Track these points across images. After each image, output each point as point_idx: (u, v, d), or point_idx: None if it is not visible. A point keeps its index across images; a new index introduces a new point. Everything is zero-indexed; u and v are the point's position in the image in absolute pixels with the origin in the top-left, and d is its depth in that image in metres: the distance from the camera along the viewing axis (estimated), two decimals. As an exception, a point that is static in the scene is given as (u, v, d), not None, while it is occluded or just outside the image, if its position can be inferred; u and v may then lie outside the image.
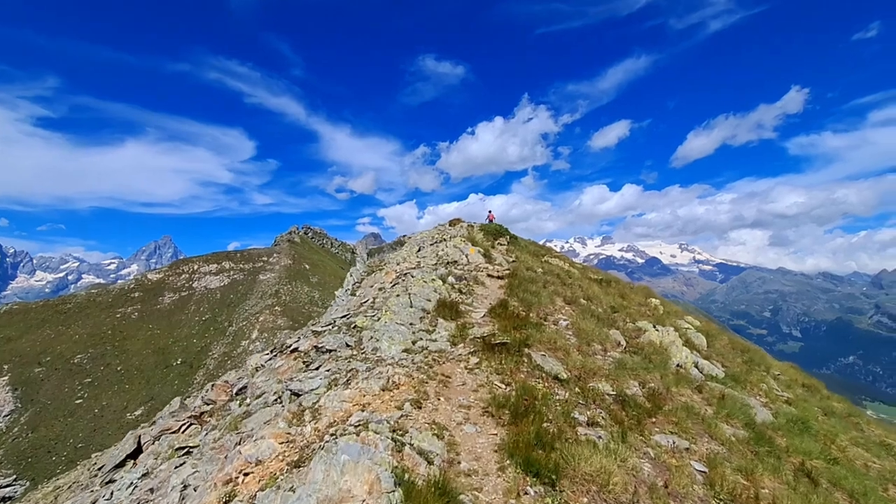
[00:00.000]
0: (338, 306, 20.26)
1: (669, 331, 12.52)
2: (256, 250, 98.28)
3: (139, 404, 57.27)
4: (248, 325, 69.19)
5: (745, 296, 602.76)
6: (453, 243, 20.50)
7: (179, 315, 74.64)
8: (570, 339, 10.38)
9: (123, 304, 75.86)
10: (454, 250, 19.31)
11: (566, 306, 13.70)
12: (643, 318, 14.86)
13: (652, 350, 10.94)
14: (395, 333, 9.60)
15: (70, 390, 58.80)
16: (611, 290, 18.36)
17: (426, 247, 23.61)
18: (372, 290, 15.42)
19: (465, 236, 23.35)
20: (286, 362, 10.76)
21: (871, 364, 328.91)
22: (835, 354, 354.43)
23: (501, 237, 26.11)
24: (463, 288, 13.81)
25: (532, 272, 16.91)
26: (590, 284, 17.89)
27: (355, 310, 13.05)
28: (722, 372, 11.67)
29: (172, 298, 78.69)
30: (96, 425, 54.36)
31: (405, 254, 23.21)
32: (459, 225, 30.59)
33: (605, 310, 14.37)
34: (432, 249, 21.52)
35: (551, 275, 17.62)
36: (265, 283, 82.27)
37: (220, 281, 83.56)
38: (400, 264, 18.66)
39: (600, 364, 9.15)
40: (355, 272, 23.01)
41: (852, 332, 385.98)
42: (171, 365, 63.96)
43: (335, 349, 9.65)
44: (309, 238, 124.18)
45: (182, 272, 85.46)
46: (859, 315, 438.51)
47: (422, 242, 25.62)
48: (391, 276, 16.15)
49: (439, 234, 27.60)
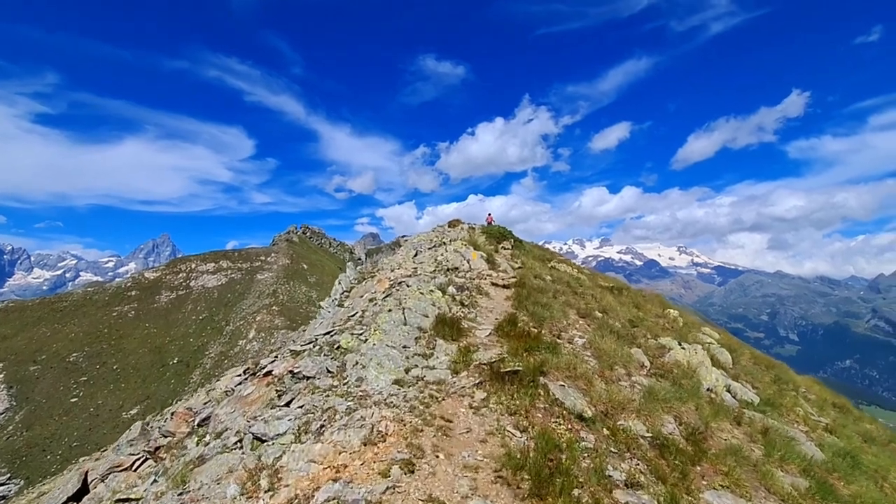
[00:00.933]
0: (323, 319, 18.67)
1: (697, 349, 11.32)
2: (254, 249, 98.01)
3: (135, 403, 56.97)
4: (245, 324, 68.91)
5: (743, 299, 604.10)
6: (453, 247, 18.96)
7: (176, 314, 74.31)
8: (590, 362, 9.10)
9: (120, 302, 75.50)
10: (454, 255, 17.73)
11: (580, 320, 12.32)
12: (664, 332, 13.67)
13: (680, 372, 9.84)
14: (385, 359, 8.08)
15: (65, 389, 58.45)
16: (624, 300, 17.11)
17: (424, 251, 22.20)
18: (362, 302, 13.90)
19: (465, 239, 21.84)
20: (257, 389, 9.24)
21: (868, 368, 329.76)
22: (832, 358, 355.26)
23: (505, 240, 24.51)
24: (465, 300, 12.26)
25: (541, 280, 15.55)
26: (602, 294, 16.47)
27: (341, 325, 11.42)
28: (755, 396, 10.64)
29: (169, 297, 78.36)
30: (92, 424, 54.03)
31: (400, 259, 21.63)
32: (459, 227, 29.21)
33: (623, 324, 12.90)
34: (430, 254, 20.17)
35: (561, 283, 16.25)
36: (263, 283, 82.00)
37: (218, 280, 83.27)
38: (394, 271, 17.09)
39: (627, 394, 7.88)
40: (344, 279, 21.62)
41: (849, 335, 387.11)
42: (167, 364, 63.65)
43: (313, 376, 8.13)
44: (307, 238, 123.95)
45: (179, 271, 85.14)
46: (856, 319, 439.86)
47: (419, 246, 23.89)
48: (384, 284, 14.64)
49: (438, 236, 25.85)
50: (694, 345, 11.84)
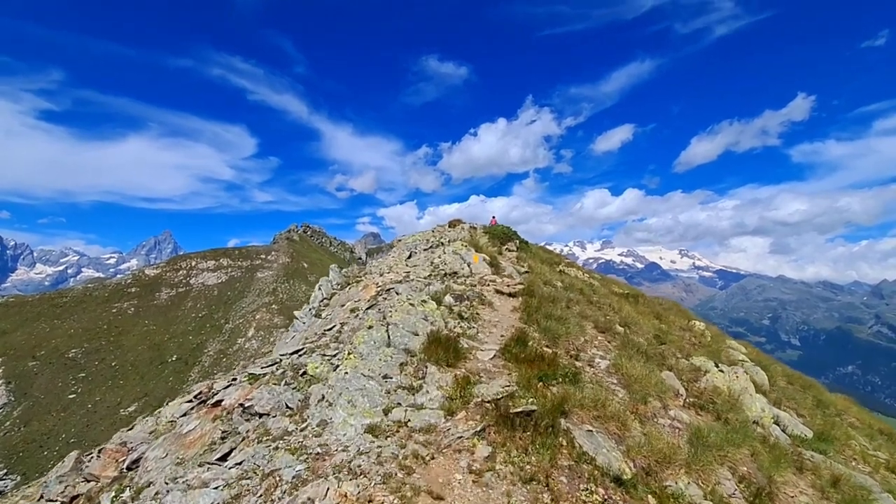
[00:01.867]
0: (295, 332, 16.75)
1: (738, 373, 9.90)
2: (255, 248, 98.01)
3: (133, 400, 56.93)
4: (244, 322, 68.89)
5: (745, 303, 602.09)
6: (452, 249, 17.09)
7: (176, 311, 74.31)
8: (618, 392, 7.56)
9: (120, 299, 75.53)
10: (453, 258, 15.90)
11: (599, 335, 10.63)
12: (693, 349, 12.16)
13: (721, 402, 8.53)
14: (359, 394, 6.37)
15: (64, 385, 58.44)
16: (643, 309, 15.55)
17: (419, 252, 20.33)
18: (342, 312, 12.16)
19: (466, 240, 19.81)
20: (201, 425, 7.72)
21: (870, 374, 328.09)
22: (833, 364, 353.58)
23: (510, 241, 22.59)
24: (465, 311, 10.39)
25: (551, 287, 13.73)
26: (620, 303, 14.84)
27: (313, 342, 9.94)
28: (806, 428, 9.35)
29: (169, 294, 78.38)
30: (89, 420, 53.99)
31: (392, 261, 19.47)
32: (460, 227, 27.27)
33: (648, 340, 11.23)
34: (426, 256, 18.34)
35: (574, 290, 14.36)
36: (263, 281, 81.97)
37: (218, 278, 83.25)
38: (383, 275, 15.16)
39: (671, 440, 6.46)
40: (325, 284, 19.58)
41: (852, 341, 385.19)
42: (166, 361, 63.62)
43: (268, 413, 6.70)
44: (308, 236, 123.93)
45: (179, 268, 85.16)
46: (859, 325, 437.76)
47: (414, 247, 21.76)
48: (370, 291, 13.03)
49: (436, 236, 23.76)
50: (733, 367, 10.35)
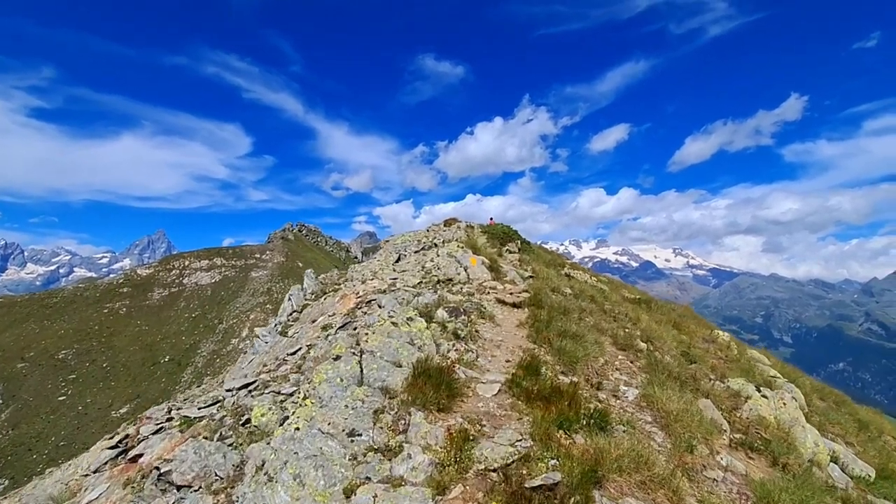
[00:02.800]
0: (255, 353, 14.21)
1: (784, 398, 8.27)
2: (249, 247, 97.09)
3: (125, 402, 56.06)
4: (238, 322, 68.11)
5: (738, 301, 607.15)
6: (447, 250, 15.08)
7: (168, 311, 73.37)
8: (656, 436, 5.92)
9: (111, 299, 74.46)
10: (448, 261, 13.89)
11: (620, 354, 8.96)
12: (722, 365, 10.80)
13: (771, 436, 7.14)
14: (312, 464, 4.48)
15: (53, 387, 57.45)
16: (659, 317, 14.14)
17: (409, 255, 17.69)
18: (311, 331, 10.33)
19: (462, 241, 17.79)
20: (107, 493, 5.47)
21: (861, 371, 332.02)
22: (825, 361, 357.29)
23: (510, 242, 20.41)
24: (461, 328, 8.34)
25: (559, 295, 11.98)
26: (635, 311, 13.20)
27: (271, 371, 8.12)
28: (866, 465, 8.02)
29: (162, 294, 77.38)
30: (80, 423, 53.10)
31: (377, 265, 16.87)
32: (456, 225, 25.01)
33: (674, 357, 9.73)
34: (417, 259, 15.93)
35: (584, 297, 12.79)
36: (257, 281, 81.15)
37: (211, 277, 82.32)
38: (366, 283, 13.05)
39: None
40: (297, 294, 17.01)
41: (843, 338, 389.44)
42: (158, 362, 62.73)
43: (188, 484, 4.89)
44: (303, 235, 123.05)
45: (172, 268, 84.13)
46: (850, 322, 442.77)
47: (403, 248, 18.96)
48: (348, 303, 11.07)
49: (429, 237, 21.06)
50: (779, 391, 8.83)
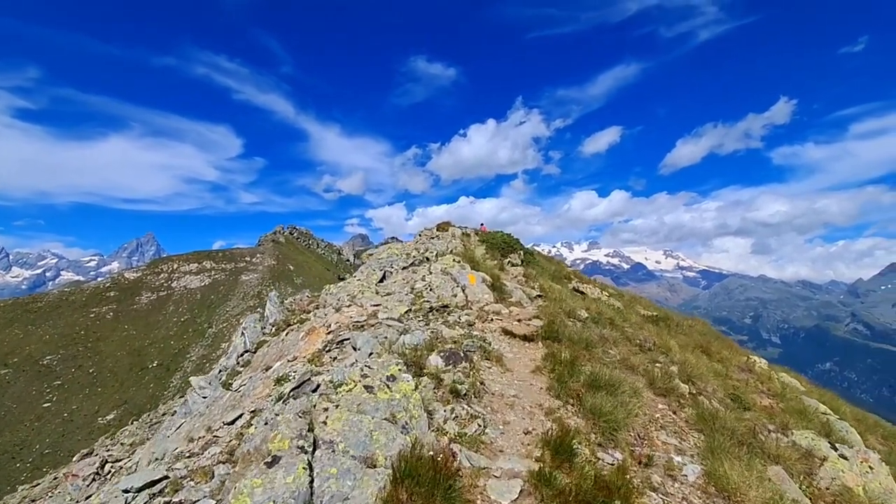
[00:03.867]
0: (184, 418, 11.23)
1: (871, 460, 6.48)
2: (239, 250, 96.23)
3: (112, 408, 55.14)
4: (228, 326, 67.36)
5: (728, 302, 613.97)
6: (442, 266, 13.00)
7: (157, 315, 72.37)
8: None
9: (98, 303, 73.28)
10: (442, 280, 11.67)
11: (660, 403, 7.05)
12: (773, 405, 9.23)
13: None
14: None
15: (38, 393, 56.33)
16: (682, 339, 12.73)
17: (396, 272, 14.99)
18: (261, 385, 8.03)
19: (458, 253, 15.73)
20: None
21: (847, 370, 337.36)
22: (812, 361, 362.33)
23: (512, 252, 17.90)
24: (461, 381, 6.01)
25: (576, 321, 10.06)
26: (662, 337, 11.21)
27: (192, 458, 5.81)
28: None
29: (150, 298, 76.34)
30: (65, 430, 52.11)
31: (356, 286, 13.68)
32: (450, 232, 22.14)
33: (723, 403, 7.97)
34: (406, 277, 13.46)
35: (602, 321, 10.93)
36: (247, 284, 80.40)
37: (201, 281, 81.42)
38: (341, 311, 10.30)
39: None
40: (251, 326, 14.26)
41: (829, 339, 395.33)
42: (146, 367, 61.82)
43: None
44: (294, 238, 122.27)
45: (161, 271, 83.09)
46: (836, 322, 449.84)
47: (389, 263, 16.15)
48: (315, 340, 8.84)
49: (420, 248, 18.11)
50: (855, 448, 7.07)
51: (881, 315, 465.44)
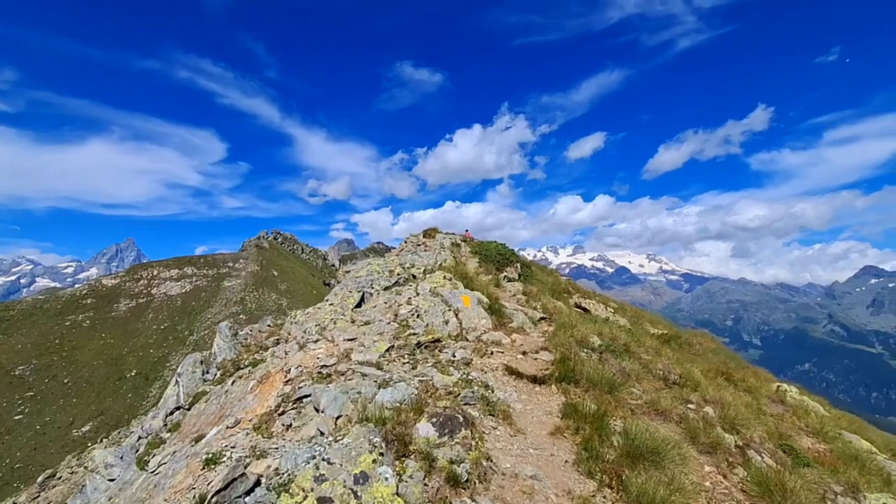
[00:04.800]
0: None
1: None
2: (221, 255, 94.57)
3: (87, 420, 53.37)
4: (210, 334, 65.93)
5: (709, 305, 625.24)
6: (430, 285, 11.21)
7: (136, 323, 70.53)
8: None
9: (74, 311, 71.12)
10: (432, 303, 9.89)
11: (708, 465, 5.66)
12: (826, 453, 8.11)
13: None
14: None
15: (9, 405, 54.24)
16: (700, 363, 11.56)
17: (377, 293, 12.74)
18: (182, 473, 5.64)
19: (449, 267, 13.90)
20: None
21: (825, 371, 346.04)
22: (792, 362, 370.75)
23: (508, 266, 16.11)
24: (459, 462, 4.23)
25: (589, 350, 8.39)
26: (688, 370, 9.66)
27: None
28: None
29: (129, 305, 74.39)
30: (37, 443, 50.24)
31: (328, 313, 11.70)
32: (437, 239, 20.07)
33: (778, 458, 6.63)
34: (388, 301, 11.11)
35: (617, 348, 9.28)
36: (230, 290, 78.98)
37: (182, 287, 79.71)
38: (306, 348, 8.33)
39: None
40: (187, 375, 11.97)
41: (808, 340, 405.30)
42: (124, 377, 60.09)
43: None
44: (278, 243, 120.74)
45: (140, 278, 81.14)
46: (814, 324, 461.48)
47: (369, 283, 13.75)
48: (268, 393, 6.89)
49: (404, 264, 15.71)
50: None
51: (856, 316, 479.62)
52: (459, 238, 21.64)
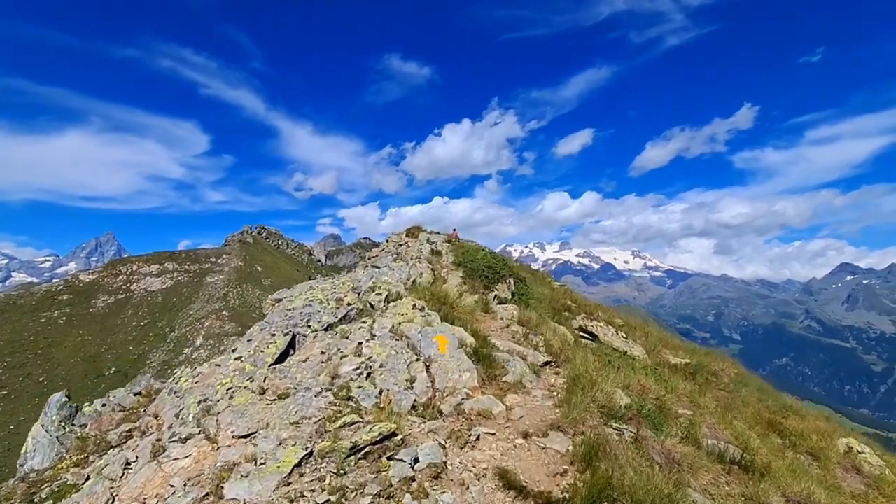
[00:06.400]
0: None
1: None
2: (204, 251, 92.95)
3: (63, 419, 52.17)
4: (191, 330, 64.82)
5: (692, 301, 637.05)
6: (393, 320, 8.23)
7: (114, 320, 68.95)
8: None
9: (49, 307, 69.21)
10: (393, 350, 7.16)
11: None
12: None
13: None
14: None
15: (-19, 404, 52.68)
16: (742, 410, 9.54)
17: (312, 337, 8.75)
18: None
19: (423, 287, 10.97)
20: None
21: (802, 365, 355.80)
22: (770, 356, 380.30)
23: (500, 281, 13.23)
24: None
25: (616, 420, 5.97)
26: (732, 424, 7.97)
27: None
28: None
29: (107, 301, 72.67)
30: (10, 444, 48.81)
31: (233, 371, 7.87)
32: (420, 239, 17.85)
33: None
34: (327, 349, 7.65)
35: (650, 406, 6.98)
36: (212, 286, 77.66)
37: (162, 283, 78.14)
38: (160, 461, 5.39)
39: None
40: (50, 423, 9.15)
41: (785, 335, 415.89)
42: (102, 375, 58.74)
43: None
44: (263, 238, 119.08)
45: (119, 273, 79.30)
46: (792, 319, 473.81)
47: (305, 318, 9.59)
48: None
49: (359, 285, 11.90)
50: None
51: (832, 312, 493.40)
52: (444, 239, 19.35)
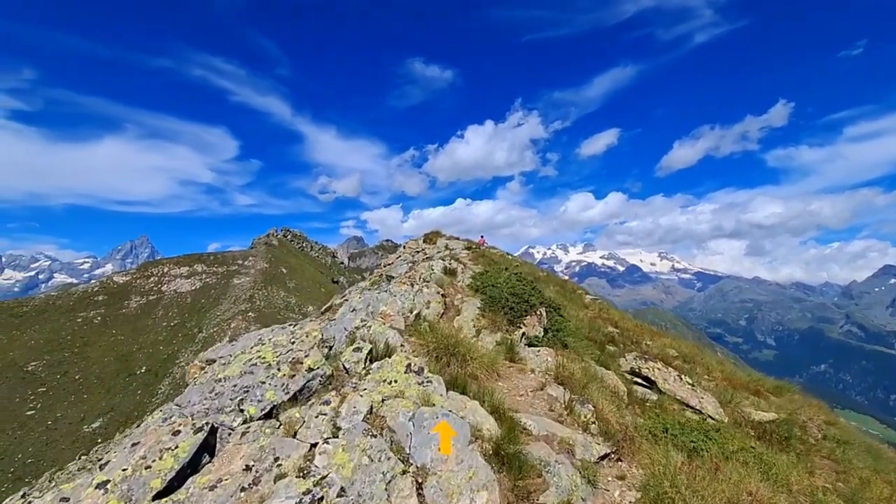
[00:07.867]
0: None
1: None
2: (231, 253, 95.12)
3: (97, 416, 53.83)
4: (219, 331, 66.19)
5: (722, 304, 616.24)
6: (371, 398, 5.00)
7: (146, 320, 71.10)
8: None
9: (86, 307, 71.92)
10: (365, 457, 3.89)
11: None
12: None
13: None
14: None
15: (21, 400, 54.91)
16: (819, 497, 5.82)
17: (240, 432, 4.55)
18: None
19: (427, 328, 7.96)
20: None
21: (842, 373, 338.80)
22: (807, 363, 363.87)
23: (529, 314, 9.77)
24: None
25: None
26: None
27: None
28: None
29: (139, 302, 75.03)
30: (49, 438, 50.76)
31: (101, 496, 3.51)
32: (438, 246, 15.70)
33: None
34: (257, 459, 3.98)
35: None
36: (239, 288, 79.24)
37: (192, 284, 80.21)
38: None
39: None
40: None
41: (824, 340, 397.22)
42: (134, 373, 60.55)
43: None
44: (288, 241, 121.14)
45: (151, 275, 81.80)
46: (830, 324, 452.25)
47: (238, 394, 5.23)
48: None
49: (330, 337, 7.28)
50: None
51: (875, 317, 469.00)
52: (463, 245, 16.30)
